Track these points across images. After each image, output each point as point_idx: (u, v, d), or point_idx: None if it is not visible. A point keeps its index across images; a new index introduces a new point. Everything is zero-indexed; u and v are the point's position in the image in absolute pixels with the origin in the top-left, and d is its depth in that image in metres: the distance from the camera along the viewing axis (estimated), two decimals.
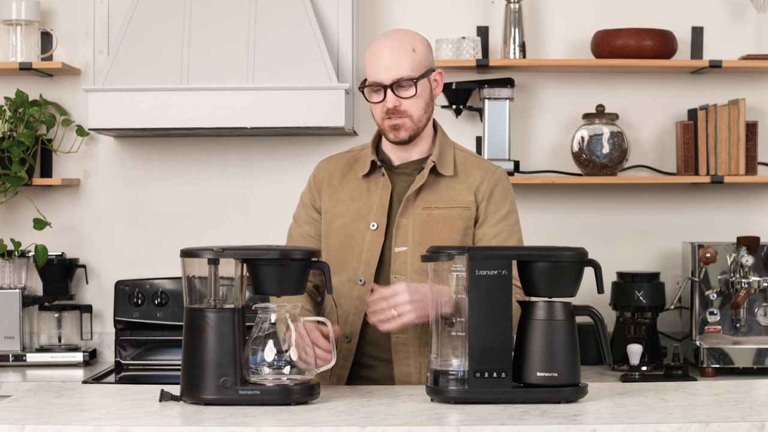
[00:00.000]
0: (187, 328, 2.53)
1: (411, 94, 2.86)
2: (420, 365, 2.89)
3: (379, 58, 2.86)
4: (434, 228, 2.89)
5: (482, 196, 2.93)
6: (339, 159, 3.04)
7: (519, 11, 4.24)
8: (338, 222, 2.95)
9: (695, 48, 4.30)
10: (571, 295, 2.57)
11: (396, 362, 2.89)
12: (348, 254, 2.91)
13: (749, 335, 4.08)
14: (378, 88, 2.86)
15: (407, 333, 2.87)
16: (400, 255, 2.89)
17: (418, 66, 2.87)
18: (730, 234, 4.30)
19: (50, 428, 2.27)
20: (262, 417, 2.36)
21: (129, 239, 4.37)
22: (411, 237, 2.89)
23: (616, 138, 4.22)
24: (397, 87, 2.84)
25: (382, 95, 2.86)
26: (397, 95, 2.85)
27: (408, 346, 2.88)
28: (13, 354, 4.13)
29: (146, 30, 4.04)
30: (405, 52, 2.86)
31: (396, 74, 2.84)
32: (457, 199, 2.92)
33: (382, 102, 2.86)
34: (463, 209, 2.91)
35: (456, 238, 2.89)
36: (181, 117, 3.96)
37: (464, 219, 2.91)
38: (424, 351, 2.88)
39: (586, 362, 4.08)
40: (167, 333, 4.24)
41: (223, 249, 2.52)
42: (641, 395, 2.60)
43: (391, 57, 2.85)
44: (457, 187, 2.93)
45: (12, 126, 4.20)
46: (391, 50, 2.86)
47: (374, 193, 2.94)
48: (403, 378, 2.89)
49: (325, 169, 3.03)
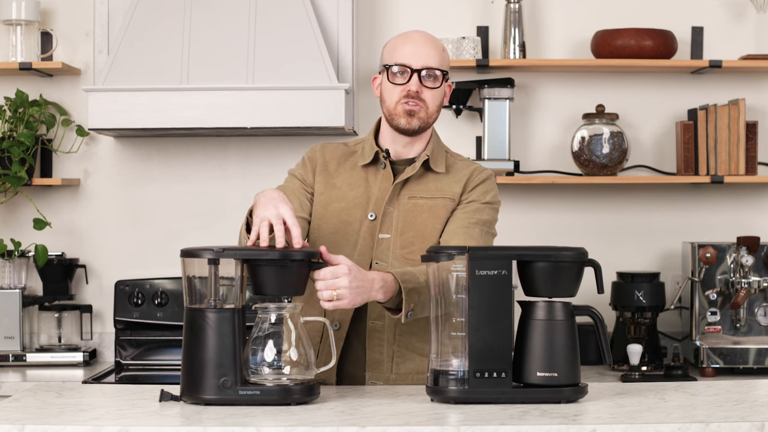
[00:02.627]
0: (187, 328, 2.53)
1: (436, 85, 2.89)
2: (393, 353, 2.89)
3: (413, 44, 2.90)
4: (418, 217, 2.90)
5: (468, 187, 2.95)
6: (335, 148, 3.04)
7: (519, 11, 4.24)
8: (334, 206, 2.95)
9: (695, 48, 4.30)
10: (571, 295, 2.57)
11: (369, 350, 2.89)
12: (342, 241, 2.92)
13: (749, 335, 4.08)
14: (405, 70, 2.88)
15: (383, 320, 2.88)
16: (383, 242, 2.90)
17: (445, 64, 2.93)
18: (730, 234, 4.30)
19: (50, 428, 2.26)
20: (262, 417, 2.36)
21: (129, 239, 4.37)
22: (395, 225, 2.90)
23: (616, 138, 4.22)
24: (424, 74, 2.88)
25: (407, 78, 2.88)
26: (421, 82, 2.88)
27: (382, 332, 2.89)
28: (13, 354, 4.13)
29: (146, 30, 4.04)
30: (437, 46, 2.92)
31: (427, 62, 2.88)
32: (443, 190, 2.93)
33: (405, 85, 2.88)
34: (448, 200, 2.93)
35: (439, 228, 2.90)
36: (181, 117, 3.96)
37: (448, 210, 2.92)
38: (399, 340, 2.88)
39: (586, 362, 4.08)
40: (167, 333, 4.24)
41: (224, 249, 2.52)
42: (641, 395, 2.60)
43: (425, 46, 2.90)
44: (446, 181, 2.95)
45: (12, 126, 4.20)
46: (425, 39, 2.91)
47: (374, 184, 2.95)
48: (375, 366, 2.89)
49: (321, 152, 3.02)
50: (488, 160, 4.17)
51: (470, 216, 2.90)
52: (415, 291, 2.71)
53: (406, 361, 2.90)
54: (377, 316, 2.88)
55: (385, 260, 2.89)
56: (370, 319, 2.89)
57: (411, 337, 2.90)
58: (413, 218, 2.91)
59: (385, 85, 2.92)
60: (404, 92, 2.88)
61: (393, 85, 2.89)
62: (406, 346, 2.90)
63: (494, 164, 4.15)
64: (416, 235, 2.90)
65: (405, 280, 2.70)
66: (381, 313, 2.87)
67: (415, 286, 2.71)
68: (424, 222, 2.91)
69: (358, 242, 2.91)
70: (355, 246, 2.91)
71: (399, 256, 2.88)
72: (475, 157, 4.22)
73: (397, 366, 2.89)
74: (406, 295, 2.69)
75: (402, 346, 2.90)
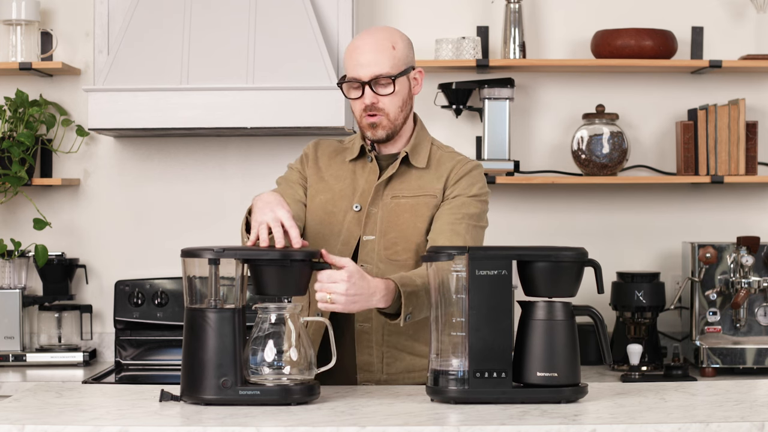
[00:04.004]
0: (188, 328, 2.53)
1: (389, 91, 2.86)
2: (382, 355, 2.88)
3: (359, 54, 2.87)
4: (400, 217, 2.90)
5: (451, 182, 2.92)
6: (330, 144, 3.05)
7: (519, 11, 4.24)
8: (320, 198, 2.95)
9: (695, 48, 4.30)
10: (571, 295, 2.57)
11: (358, 351, 2.89)
12: (327, 231, 2.92)
13: (749, 335, 4.08)
14: (357, 85, 2.87)
15: (370, 322, 2.88)
16: (367, 243, 2.89)
17: (397, 63, 2.87)
18: (730, 234, 4.30)
19: (50, 428, 2.27)
20: (262, 417, 2.36)
21: (129, 239, 4.37)
22: (379, 226, 2.90)
23: (616, 138, 4.22)
24: (375, 84, 2.85)
25: (360, 92, 2.87)
26: (375, 92, 2.86)
27: (371, 334, 2.89)
28: (13, 354, 4.13)
29: (146, 30, 4.04)
30: (384, 49, 2.86)
31: (374, 71, 2.85)
32: (425, 187, 2.92)
33: (360, 98, 2.87)
34: (429, 197, 2.91)
35: (421, 227, 2.89)
36: (181, 117, 3.96)
37: (430, 207, 2.90)
38: (387, 340, 2.88)
39: (586, 362, 4.08)
40: (167, 333, 4.24)
41: (224, 249, 2.52)
42: (641, 395, 2.60)
43: (371, 54, 2.85)
44: (427, 177, 2.93)
45: (12, 126, 4.20)
46: (370, 47, 2.86)
47: (360, 176, 2.95)
48: (365, 367, 2.89)
49: (315, 148, 3.04)
50: (488, 160, 4.17)
51: (455, 211, 2.87)
52: (414, 294, 2.71)
53: (396, 361, 2.90)
54: (364, 319, 2.88)
55: (371, 262, 2.88)
56: (358, 321, 2.89)
57: (399, 336, 2.89)
58: (396, 218, 2.90)
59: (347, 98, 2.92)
60: (362, 106, 2.88)
61: (351, 99, 2.90)
62: (395, 346, 2.89)
63: (494, 164, 4.15)
64: (399, 235, 2.89)
65: (403, 284, 2.70)
66: (368, 315, 2.87)
67: (413, 290, 2.70)
68: (406, 222, 2.90)
69: (342, 233, 2.91)
70: (339, 237, 2.90)
71: (383, 257, 2.87)
72: (475, 158, 4.22)
73: (388, 366, 2.89)
74: (405, 298, 2.68)
75: (391, 346, 2.89)
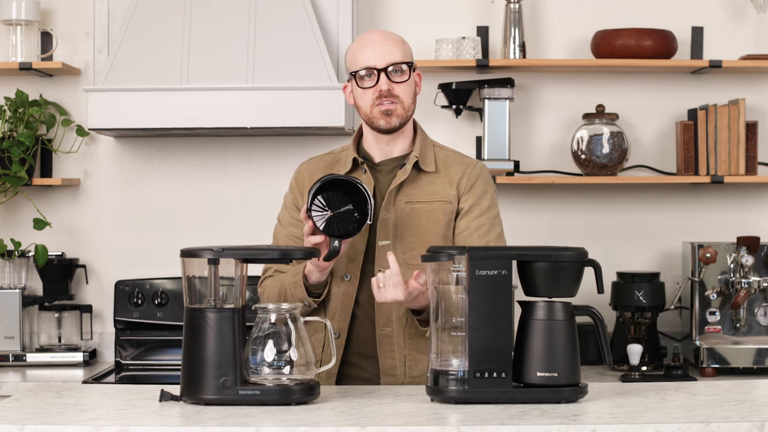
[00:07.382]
0: (187, 328, 2.53)
1: (404, 78, 2.90)
2: (405, 357, 2.90)
3: (371, 46, 2.91)
4: (417, 222, 2.91)
5: (463, 189, 2.95)
6: (320, 160, 3.05)
7: (519, 11, 4.24)
8: None
9: (695, 48, 4.30)
10: (571, 295, 2.57)
11: (381, 356, 2.91)
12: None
13: (749, 335, 4.08)
14: (371, 72, 2.88)
15: (391, 326, 2.89)
16: (383, 248, 2.90)
17: (408, 56, 2.94)
18: (730, 234, 4.30)
19: (50, 428, 2.27)
20: (262, 417, 2.36)
21: (129, 239, 4.37)
22: (393, 231, 2.91)
23: (616, 138, 4.22)
24: (390, 71, 2.89)
25: (375, 79, 2.88)
26: (390, 79, 2.88)
27: (392, 338, 2.90)
28: (13, 354, 4.13)
29: (146, 30, 4.04)
30: (395, 41, 2.93)
31: (390, 59, 2.89)
32: (438, 193, 2.94)
33: (375, 86, 2.88)
34: (445, 203, 2.93)
35: (438, 232, 2.91)
36: (181, 117, 3.96)
37: (446, 213, 2.93)
38: (409, 344, 2.90)
39: (586, 362, 4.08)
40: (167, 333, 4.24)
41: (223, 249, 2.52)
42: (641, 395, 2.60)
43: (383, 45, 2.90)
44: (439, 182, 2.96)
45: (12, 126, 4.20)
46: (382, 39, 2.92)
47: None
48: (389, 371, 2.90)
49: (306, 169, 3.04)
50: (488, 160, 4.17)
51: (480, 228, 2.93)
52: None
53: (419, 364, 2.91)
54: (385, 323, 2.90)
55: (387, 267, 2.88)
56: (379, 326, 2.90)
57: (420, 339, 2.91)
58: (412, 223, 2.91)
59: (356, 92, 2.93)
60: (376, 93, 2.89)
61: (363, 89, 2.90)
62: (417, 349, 2.91)
63: (494, 164, 4.15)
64: (417, 239, 2.90)
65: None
66: (389, 319, 2.89)
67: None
68: (424, 226, 2.91)
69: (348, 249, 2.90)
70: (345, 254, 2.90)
71: (401, 261, 2.86)
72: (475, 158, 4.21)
73: (410, 369, 2.90)
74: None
75: (413, 349, 2.91)
